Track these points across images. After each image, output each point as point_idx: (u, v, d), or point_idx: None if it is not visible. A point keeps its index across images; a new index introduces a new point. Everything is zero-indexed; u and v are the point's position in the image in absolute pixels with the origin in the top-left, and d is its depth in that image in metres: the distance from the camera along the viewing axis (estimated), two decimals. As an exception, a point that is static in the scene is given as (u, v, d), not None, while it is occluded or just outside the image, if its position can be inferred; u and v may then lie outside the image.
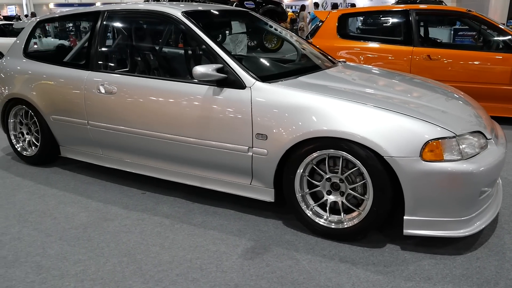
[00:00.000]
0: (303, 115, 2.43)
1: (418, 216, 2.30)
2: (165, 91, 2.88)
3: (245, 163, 2.68)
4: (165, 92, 2.88)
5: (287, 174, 2.55)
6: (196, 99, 2.76)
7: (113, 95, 3.09)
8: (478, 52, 5.02)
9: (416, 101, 2.59)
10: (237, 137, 2.64)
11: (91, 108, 3.23)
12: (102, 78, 3.18)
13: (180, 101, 2.82)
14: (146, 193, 3.22)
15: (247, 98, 2.60)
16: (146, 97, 2.96)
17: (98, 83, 3.17)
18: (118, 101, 3.08)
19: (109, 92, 3.11)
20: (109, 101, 3.12)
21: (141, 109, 2.98)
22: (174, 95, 2.84)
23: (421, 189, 2.24)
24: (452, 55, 5.02)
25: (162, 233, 2.63)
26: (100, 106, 3.18)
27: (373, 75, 3.26)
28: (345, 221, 2.47)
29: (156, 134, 2.97)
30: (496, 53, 4.93)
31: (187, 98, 2.79)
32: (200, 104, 2.75)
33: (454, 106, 2.72)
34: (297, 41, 3.75)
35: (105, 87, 3.13)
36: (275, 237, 2.56)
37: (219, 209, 2.92)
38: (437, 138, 2.23)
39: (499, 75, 4.81)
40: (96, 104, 3.20)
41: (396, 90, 2.84)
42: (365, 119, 2.31)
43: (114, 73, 3.20)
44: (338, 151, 2.37)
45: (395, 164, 2.23)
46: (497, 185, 2.68)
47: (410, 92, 2.85)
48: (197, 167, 2.92)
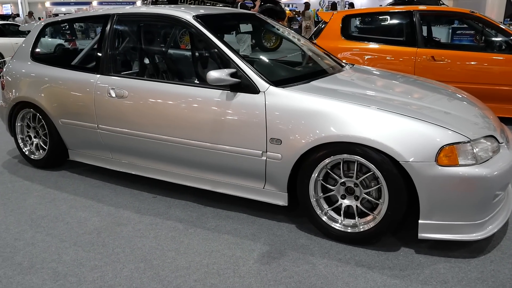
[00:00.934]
0: (318, 120, 2.45)
1: (432, 220, 2.32)
2: (177, 95, 2.89)
3: (258, 168, 2.69)
4: (177, 96, 2.89)
5: (302, 179, 2.56)
6: (209, 103, 2.76)
7: (124, 99, 3.09)
8: (482, 53, 5.04)
9: (430, 105, 2.61)
10: (251, 141, 2.65)
11: (101, 112, 3.23)
12: (113, 82, 3.18)
13: (192, 105, 2.83)
14: (157, 196, 3.23)
15: (261, 103, 2.61)
16: (157, 101, 2.96)
17: (109, 87, 3.17)
18: (129, 105, 3.08)
19: (120, 96, 3.11)
20: (120, 105, 3.12)
21: (152, 113, 2.99)
22: (186, 100, 2.85)
23: (436, 194, 2.26)
24: (456, 56, 5.04)
25: (176, 237, 2.64)
26: (111, 110, 3.18)
27: (383, 78, 3.27)
28: (360, 225, 2.49)
29: (167, 138, 2.97)
30: (500, 54, 4.96)
31: (200, 102, 2.80)
32: (213, 108, 2.75)
33: (466, 109, 2.74)
34: (304, 44, 3.76)
35: (116, 91, 3.13)
36: (290, 241, 2.58)
37: (232, 213, 2.94)
38: (452, 143, 2.25)
39: (503, 76, 4.84)
40: (107, 107, 3.20)
41: (408, 94, 2.86)
42: (380, 124, 2.33)
43: (125, 77, 3.20)
44: (353, 156, 2.38)
45: (411, 169, 2.25)
46: (508, 188, 2.71)
47: (422, 96, 2.87)
48: (209, 171, 2.93)
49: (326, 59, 3.55)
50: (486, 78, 4.89)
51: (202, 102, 2.79)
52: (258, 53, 9.53)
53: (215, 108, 2.75)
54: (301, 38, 3.92)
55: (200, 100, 2.80)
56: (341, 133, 2.37)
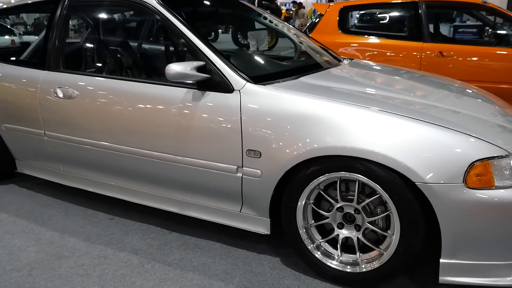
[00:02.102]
0: (308, 127, 1.88)
1: (458, 259, 1.76)
2: (134, 95, 2.32)
3: (233, 186, 2.12)
4: (134, 96, 2.32)
5: (287, 202, 2.00)
6: (172, 105, 2.20)
7: (73, 99, 2.52)
8: (495, 48, 4.51)
9: (450, 107, 2.05)
10: (223, 154, 2.09)
11: (47, 116, 2.66)
12: (60, 79, 2.61)
13: (152, 108, 2.26)
14: (114, 218, 2.66)
15: (235, 104, 2.04)
16: (111, 103, 2.39)
17: (56, 85, 2.60)
18: (79, 107, 2.51)
19: (68, 96, 2.54)
20: (69, 107, 2.55)
21: (106, 117, 2.42)
22: (145, 100, 2.28)
23: (464, 225, 1.70)
24: (468, 52, 4.49)
25: (127, 277, 2.06)
26: (58, 113, 2.61)
27: (388, 75, 2.71)
28: (362, 263, 1.92)
29: (124, 148, 2.41)
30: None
31: (161, 104, 2.23)
32: (177, 111, 2.19)
33: (494, 113, 2.18)
34: (295, 34, 3.20)
35: (64, 90, 2.56)
36: (272, 282, 2.01)
37: (202, 242, 2.36)
38: (485, 158, 1.69)
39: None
40: (54, 110, 2.63)
41: (421, 94, 2.30)
42: (389, 132, 1.77)
43: (74, 73, 2.63)
44: (354, 174, 1.82)
45: (431, 192, 1.69)
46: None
47: (438, 96, 2.31)
48: (175, 190, 2.36)
49: (321, 52, 2.99)
50: (501, 76, 4.34)
51: (163, 103, 2.23)
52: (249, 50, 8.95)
53: (179, 112, 2.18)
54: (294, 30, 3.36)
55: (161, 101, 2.24)
56: (338, 144, 1.81)
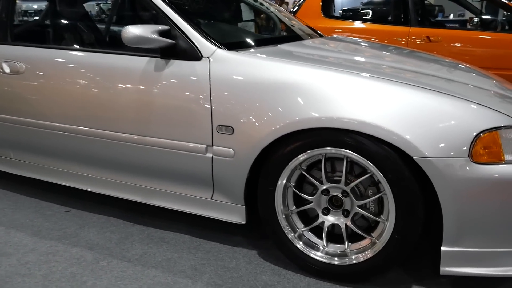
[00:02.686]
0: (288, 97, 1.61)
1: (462, 246, 1.51)
2: (89, 67, 2.02)
3: (202, 169, 1.84)
4: (89, 68, 2.02)
5: (264, 185, 1.72)
6: (132, 77, 1.90)
7: (21, 75, 2.21)
8: (483, 33, 4.34)
9: (446, 76, 1.82)
10: (190, 131, 1.81)
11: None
12: (6, 52, 2.28)
13: (109, 81, 1.96)
14: (71, 210, 2.34)
15: (203, 73, 1.76)
16: (63, 77, 2.09)
17: (1, 60, 2.28)
18: (27, 83, 2.20)
19: (15, 71, 2.22)
20: (16, 84, 2.24)
21: (57, 94, 2.11)
22: (101, 73, 1.98)
23: (470, 206, 1.46)
24: (454, 36, 4.33)
25: (77, 276, 1.76)
26: (5, 91, 2.29)
27: (377, 49, 2.47)
28: (351, 254, 1.66)
29: (80, 129, 2.10)
30: (505, 33, 4.25)
31: (119, 76, 1.94)
32: (137, 84, 1.90)
33: (492, 85, 1.95)
34: (276, 9, 2.94)
35: (10, 65, 2.24)
36: (247, 278, 1.73)
37: (169, 234, 2.07)
38: (493, 128, 1.44)
39: (508, 59, 4.12)
40: (0, 88, 2.31)
41: (413, 65, 2.06)
42: (382, 100, 1.51)
43: (22, 45, 2.31)
44: (341, 150, 1.56)
45: (431, 168, 1.44)
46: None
47: (432, 68, 2.07)
48: (138, 176, 2.07)
49: (303, 28, 2.73)
50: (490, 61, 4.15)
51: (122, 75, 1.93)
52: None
53: (139, 84, 1.89)
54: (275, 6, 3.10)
55: (119, 73, 1.94)
56: (323, 115, 1.54)
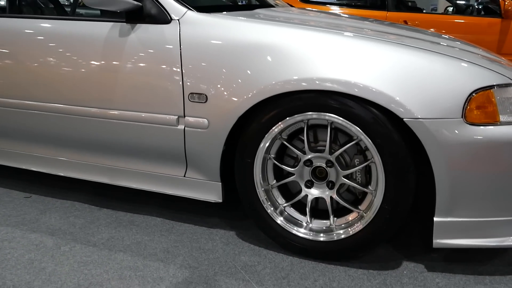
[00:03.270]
0: (265, 59, 1.48)
1: (455, 216, 1.41)
2: (47, 35, 1.83)
3: (174, 143, 1.68)
4: (47, 37, 1.83)
5: (242, 157, 1.58)
6: (94, 44, 1.73)
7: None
8: (459, 17, 4.31)
9: (434, 40, 1.72)
10: (160, 101, 1.65)
11: None
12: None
13: (68, 50, 1.78)
14: (31, 196, 2.15)
15: (173, 36, 1.60)
16: (15, 47, 1.89)
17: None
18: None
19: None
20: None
21: (8, 66, 1.92)
22: (61, 41, 1.80)
23: (463, 172, 1.35)
24: (431, 21, 4.28)
25: (35, 262, 1.58)
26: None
27: (355, 18, 2.35)
28: (337, 229, 1.54)
29: (36, 104, 1.91)
30: (481, 18, 4.23)
31: (80, 44, 1.76)
32: (101, 52, 1.72)
33: (480, 51, 1.86)
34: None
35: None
36: (225, 259, 1.59)
37: (139, 218, 1.91)
38: (488, 87, 1.34)
39: (485, 43, 4.10)
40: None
41: (395, 30, 1.95)
42: (368, 59, 1.39)
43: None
44: (325, 114, 1.43)
45: (423, 130, 1.32)
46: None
47: (417, 34, 1.96)
48: (104, 155, 1.89)
49: (277, 1, 2.60)
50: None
51: (83, 43, 1.75)
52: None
53: (103, 52, 1.71)
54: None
55: (79, 40, 1.76)
56: (304, 76, 1.41)
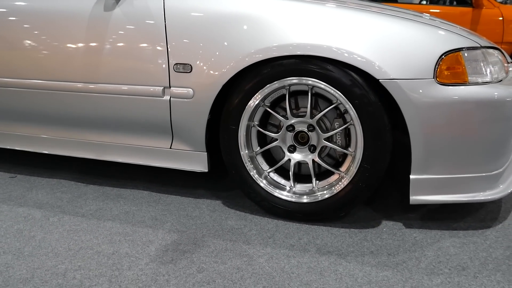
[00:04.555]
0: (248, 27, 1.53)
1: (430, 173, 1.49)
2: (26, 11, 1.85)
3: (160, 114, 1.72)
4: (27, 13, 1.85)
5: (226, 124, 1.63)
6: (78, 19, 1.75)
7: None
8: (432, 6, 4.45)
9: (411, 13, 1.80)
10: (146, 73, 1.69)
11: None
12: None
13: (52, 26, 1.80)
14: (16, 176, 2.15)
15: (157, 8, 1.64)
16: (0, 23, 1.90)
17: None
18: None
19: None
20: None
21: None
22: (42, 17, 1.82)
23: (436, 129, 1.43)
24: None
25: (24, 232, 1.60)
26: None
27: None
28: (319, 191, 1.60)
29: (19, 82, 1.92)
30: (454, 7, 4.37)
31: (64, 18, 1.78)
32: (85, 26, 1.75)
33: (454, 25, 1.96)
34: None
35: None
36: (212, 224, 1.64)
37: (126, 191, 1.94)
38: (457, 49, 1.43)
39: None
40: None
41: (375, 5, 2.03)
42: (345, 26, 1.46)
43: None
44: (305, 79, 1.49)
45: (398, 90, 1.40)
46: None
47: (396, 9, 2.05)
48: (90, 130, 1.92)
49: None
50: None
51: (67, 18, 1.78)
52: None
53: (87, 26, 1.74)
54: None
55: (63, 15, 1.78)
56: (283, 42, 1.47)
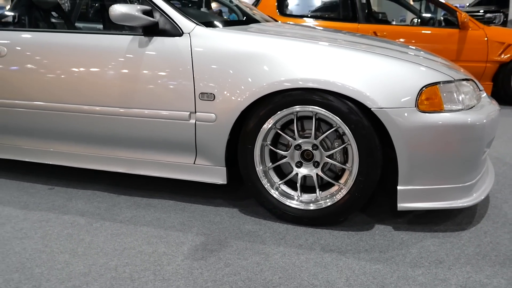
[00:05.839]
0: (261, 64, 1.85)
1: (414, 185, 1.80)
2: (71, 47, 2.16)
3: (186, 135, 2.03)
4: (71, 48, 2.15)
5: (244, 144, 1.94)
6: (116, 54, 2.07)
7: (2, 58, 2.30)
8: (422, 28, 4.81)
9: (390, 47, 2.13)
10: (175, 100, 2.00)
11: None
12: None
13: (93, 59, 2.11)
14: (54, 188, 2.44)
15: (185, 47, 1.96)
16: (46, 58, 2.21)
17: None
18: (8, 65, 2.29)
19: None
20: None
21: (40, 74, 2.22)
22: (85, 52, 2.13)
23: (418, 149, 1.74)
24: (398, 32, 4.75)
25: (74, 235, 1.89)
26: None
27: (331, 30, 2.76)
28: (322, 199, 1.91)
29: (63, 106, 2.23)
30: (442, 29, 4.73)
31: (104, 53, 2.09)
32: (122, 60, 2.06)
33: (430, 55, 2.29)
34: (239, 3, 3.18)
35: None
36: (232, 228, 1.94)
37: (154, 201, 2.24)
38: (434, 83, 1.75)
39: (446, 51, 4.61)
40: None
41: (365, 40, 2.36)
42: (341, 63, 1.78)
43: (2, 29, 2.40)
44: (309, 107, 1.81)
45: (386, 117, 1.72)
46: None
47: (384, 44, 2.38)
48: (123, 148, 2.22)
49: (262, 15, 3.00)
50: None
51: (106, 53, 2.09)
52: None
53: (124, 60, 2.06)
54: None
55: (103, 51, 2.09)
56: (292, 77, 1.79)
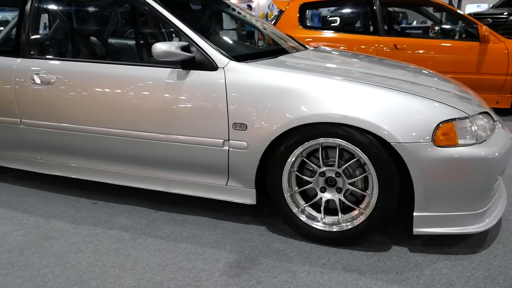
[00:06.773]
0: (290, 99, 2.04)
1: (429, 211, 1.97)
2: (116, 77, 2.38)
3: (220, 160, 2.24)
4: (116, 78, 2.38)
5: (273, 170, 2.14)
6: (157, 85, 2.28)
7: (52, 85, 2.54)
8: (442, 41, 4.89)
9: (413, 81, 2.28)
10: (210, 128, 2.20)
11: (24, 103, 2.65)
12: (37, 65, 2.61)
13: (136, 89, 2.33)
14: (97, 202, 2.69)
15: (220, 81, 2.16)
16: (93, 86, 2.44)
17: (33, 72, 2.60)
18: (58, 92, 2.53)
19: (47, 82, 2.55)
20: (47, 93, 2.57)
21: (87, 101, 2.46)
22: (128, 82, 2.35)
23: (433, 180, 1.91)
24: (418, 44, 4.85)
25: (121, 250, 2.12)
26: (36, 100, 2.61)
27: (356, 57, 2.93)
28: (343, 222, 2.10)
29: (107, 130, 2.46)
30: (462, 41, 4.82)
31: (145, 84, 2.31)
32: (162, 91, 2.27)
33: (449, 86, 2.44)
34: (266, 27, 3.36)
35: (41, 77, 2.57)
36: (262, 246, 2.14)
37: (189, 217, 2.46)
38: (450, 120, 1.91)
39: (466, 64, 4.70)
40: (31, 98, 2.62)
41: (387, 71, 2.52)
42: (364, 100, 1.96)
43: (52, 59, 2.64)
44: (333, 140, 1.99)
45: (404, 151, 1.89)
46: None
47: (401, 73, 2.54)
48: (161, 168, 2.44)
49: (290, 40, 3.17)
50: (450, 66, 4.72)
51: (147, 84, 2.31)
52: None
53: (164, 91, 2.27)
54: (263, 21, 3.52)
55: (145, 81, 2.31)
56: (318, 112, 1.97)
